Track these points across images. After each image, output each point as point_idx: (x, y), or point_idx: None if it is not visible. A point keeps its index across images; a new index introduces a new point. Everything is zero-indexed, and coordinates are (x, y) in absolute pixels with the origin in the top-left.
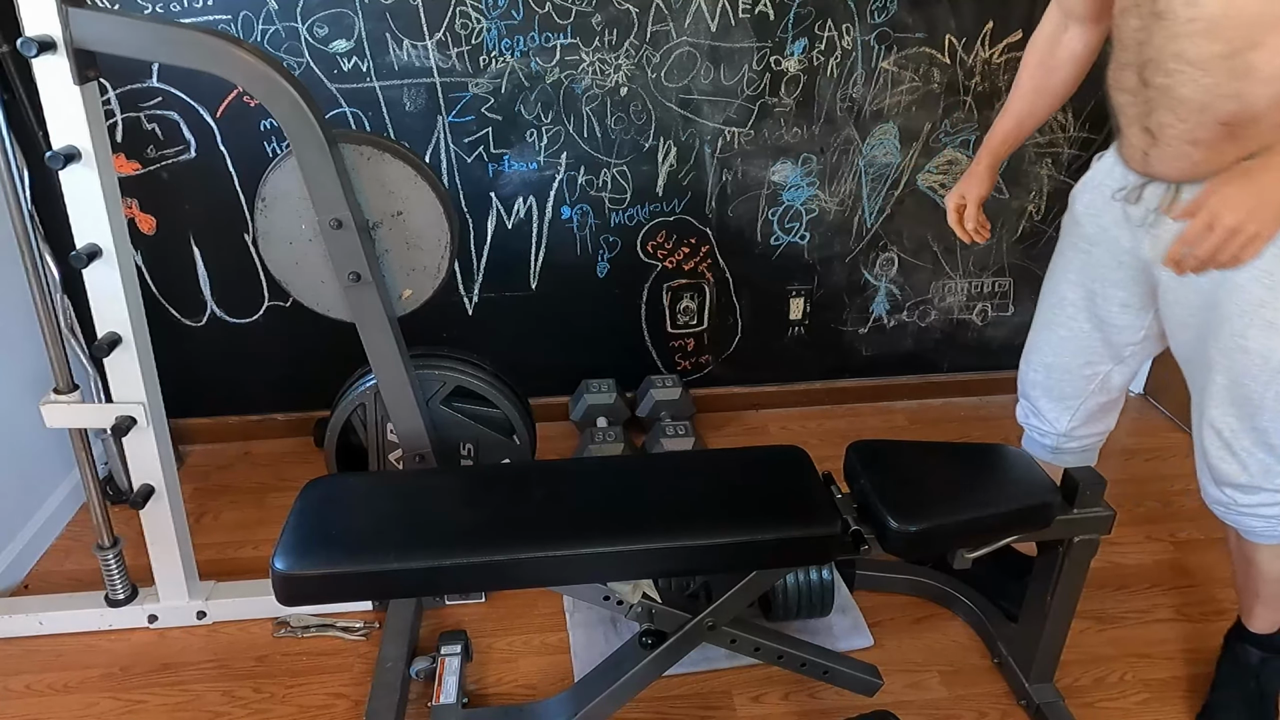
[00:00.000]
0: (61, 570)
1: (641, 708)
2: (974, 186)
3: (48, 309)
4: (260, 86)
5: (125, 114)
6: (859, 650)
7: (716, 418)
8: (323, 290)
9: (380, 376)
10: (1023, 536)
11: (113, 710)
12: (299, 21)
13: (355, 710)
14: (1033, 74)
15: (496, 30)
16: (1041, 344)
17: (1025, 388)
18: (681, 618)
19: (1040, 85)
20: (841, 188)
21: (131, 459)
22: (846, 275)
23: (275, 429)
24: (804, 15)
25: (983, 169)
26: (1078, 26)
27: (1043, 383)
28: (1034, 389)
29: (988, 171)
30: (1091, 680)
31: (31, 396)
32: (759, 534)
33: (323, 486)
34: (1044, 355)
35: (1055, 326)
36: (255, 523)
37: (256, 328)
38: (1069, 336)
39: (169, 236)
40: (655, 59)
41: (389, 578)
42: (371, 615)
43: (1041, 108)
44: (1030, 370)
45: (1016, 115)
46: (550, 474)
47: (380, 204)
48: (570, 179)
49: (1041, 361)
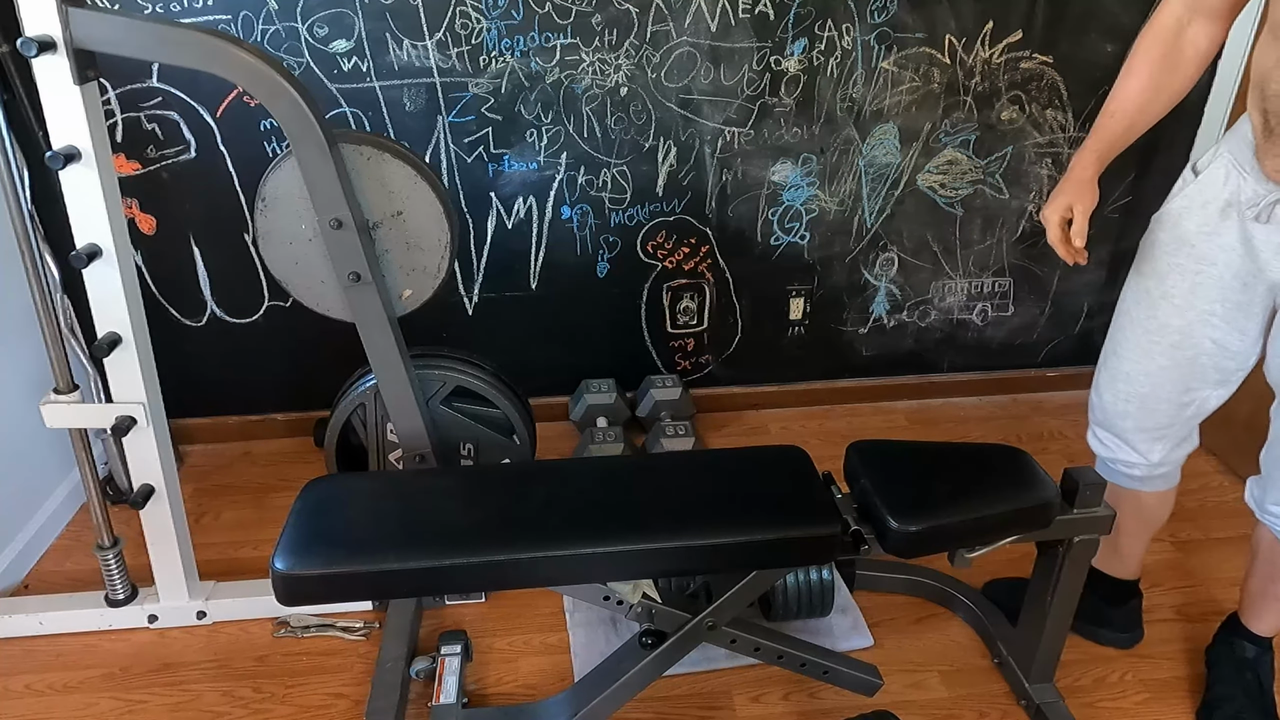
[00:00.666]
0: (61, 570)
1: (641, 708)
2: (1084, 197)
3: (48, 309)
4: (260, 86)
5: (125, 114)
6: (859, 650)
7: (716, 418)
8: (323, 290)
9: (380, 376)
10: (1023, 536)
11: (113, 710)
12: (299, 21)
13: (355, 710)
14: (1153, 71)
15: (496, 30)
16: (1134, 374)
17: (1111, 419)
18: (681, 618)
19: (1162, 83)
20: (841, 188)
21: (131, 459)
22: (846, 275)
23: (275, 429)
24: (804, 15)
25: (1090, 177)
26: (1205, 22)
27: (1135, 414)
28: (1124, 420)
29: (1094, 180)
30: (1091, 680)
31: (31, 396)
32: (759, 534)
33: (323, 486)
34: (1136, 386)
35: (1154, 356)
36: (255, 523)
37: (256, 328)
38: (1169, 366)
39: (169, 236)
40: (655, 59)
41: (389, 578)
42: (371, 615)
43: (1158, 108)
44: (1118, 402)
45: (1128, 117)
46: (550, 474)
47: (380, 204)
48: (570, 179)
49: (1134, 393)
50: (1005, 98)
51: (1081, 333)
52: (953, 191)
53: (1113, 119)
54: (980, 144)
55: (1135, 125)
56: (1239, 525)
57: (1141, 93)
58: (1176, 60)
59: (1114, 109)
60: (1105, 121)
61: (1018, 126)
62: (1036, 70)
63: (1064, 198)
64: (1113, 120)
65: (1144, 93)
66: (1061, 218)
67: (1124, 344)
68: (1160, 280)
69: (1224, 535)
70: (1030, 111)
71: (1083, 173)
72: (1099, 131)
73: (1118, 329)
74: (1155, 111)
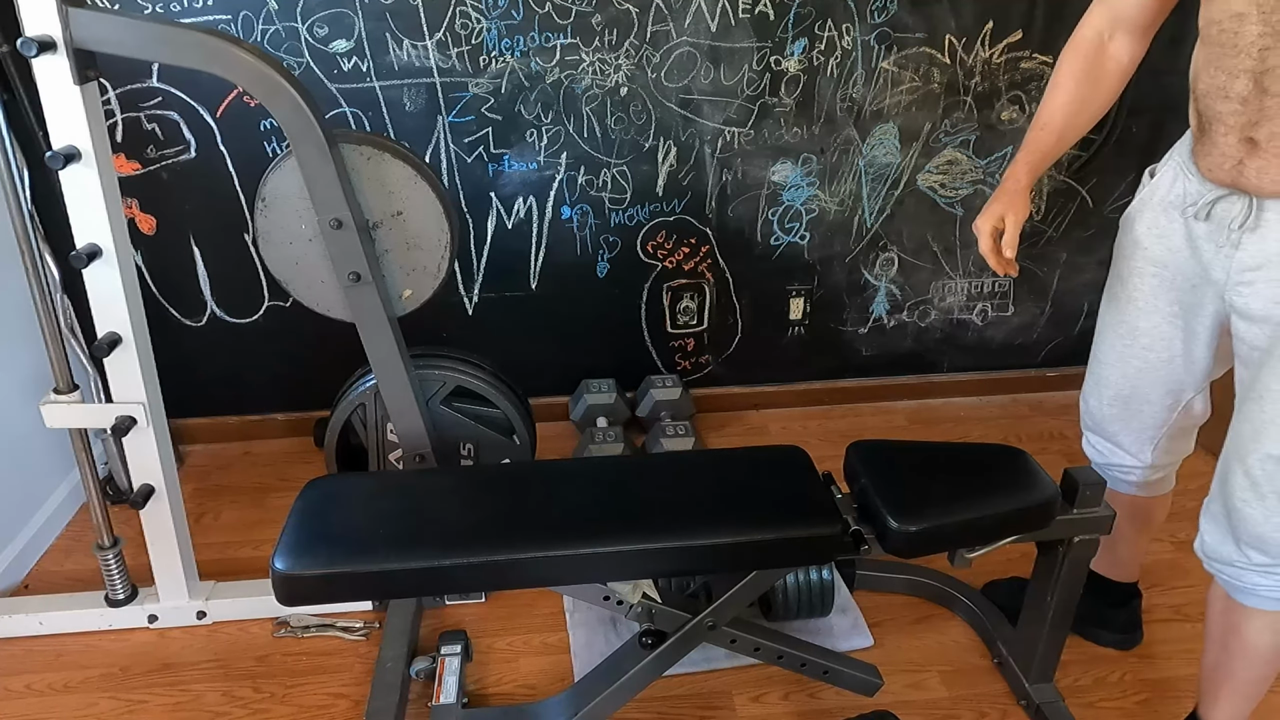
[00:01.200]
0: (61, 570)
1: (641, 708)
2: (1016, 208)
3: (48, 309)
4: (260, 86)
5: (125, 114)
6: (859, 650)
7: (716, 418)
8: (323, 290)
9: (380, 376)
10: (1023, 536)
11: (113, 710)
12: (299, 21)
13: (355, 710)
14: (1077, 84)
15: (496, 30)
16: (1114, 378)
17: (1100, 424)
18: (681, 618)
19: (1085, 97)
20: (841, 188)
21: (131, 459)
22: (846, 275)
23: (275, 429)
24: (804, 15)
25: (1022, 188)
26: (1125, 36)
27: (1121, 417)
28: (1112, 424)
29: (1027, 191)
30: (1091, 680)
31: (31, 396)
32: (759, 534)
33: (323, 486)
34: (1119, 389)
35: (1129, 359)
36: (255, 523)
37: (256, 328)
38: (1145, 368)
39: (169, 236)
40: (655, 59)
41: (389, 578)
42: (371, 615)
43: (1084, 120)
44: (1104, 406)
45: (1056, 130)
46: (550, 474)
47: (380, 204)
48: (570, 179)
49: (1117, 396)
50: (1005, 98)
51: (1081, 333)
52: (953, 191)
53: (1043, 131)
54: (980, 144)
55: (1064, 137)
56: None
57: (1067, 106)
58: (1099, 75)
59: (1043, 122)
60: (1035, 134)
61: (1018, 126)
62: (1036, 70)
63: (996, 207)
64: (1043, 133)
65: (1070, 105)
66: (994, 228)
67: (1102, 348)
68: (1124, 283)
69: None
70: (1030, 111)
71: (1015, 184)
72: (1030, 144)
73: (1098, 333)
74: (1082, 124)
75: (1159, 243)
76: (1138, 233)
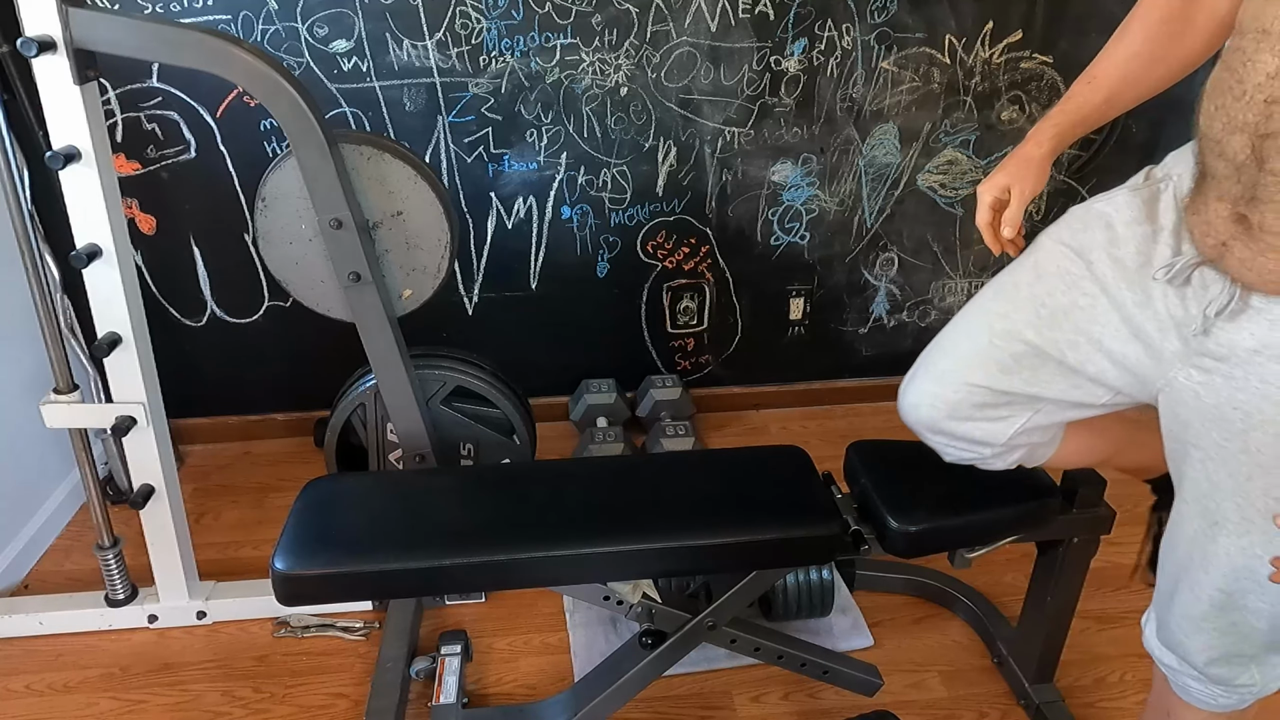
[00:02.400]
0: (61, 570)
1: (641, 708)
2: (1027, 178)
3: (48, 309)
4: (260, 86)
5: (125, 114)
6: (859, 650)
7: (716, 418)
8: (323, 290)
9: (380, 376)
10: (1023, 536)
11: (113, 710)
12: (299, 21)
13: (355, 710)
14: (1150, 36)
15: (496, 30)
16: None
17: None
18: (681, 618)
19: (1159, 53)
20: (841, 188)
21: (131, 459)
22: (846, 275)
23: (275, 429)
24: (804, 15)
25: (1042, 155)
26: None
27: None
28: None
29: (1048, 160)
30: (1091, 680)
31: (31, 396)
32: (759, 534)
33: (323, 486)
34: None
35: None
36: (255, 523)
37: (256, 328)
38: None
39: (169, 236)
40: (655, 59)
41: (389, 578)
42: (371, 615)
43: (1151, 81)
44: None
45: (1110, 86)
46: (550, 474)
47: (380, 204)
48: (570, 179)
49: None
50: (1005, 98)
51: None
52: (953, 191)
53: (1090, 87)
54: (980, 144)
55: (1116, 99)
56: None
57: (1132, 60)
58: (1183, 26)
59: (1094, 75)
60: (1080, 89)
61: (1018, 126)
62: (1036, 70)
63: (1003, 175)
64: (1090, 89)
65: (1135, 60)
66: (995, 198)
67: (965, 329)
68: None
69: None
70: (1030, 111)
71: (1036, 148)
72: (1070, 100)
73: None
74: (1147, 86)
75: (1115, 273)
76: (1092, 259)
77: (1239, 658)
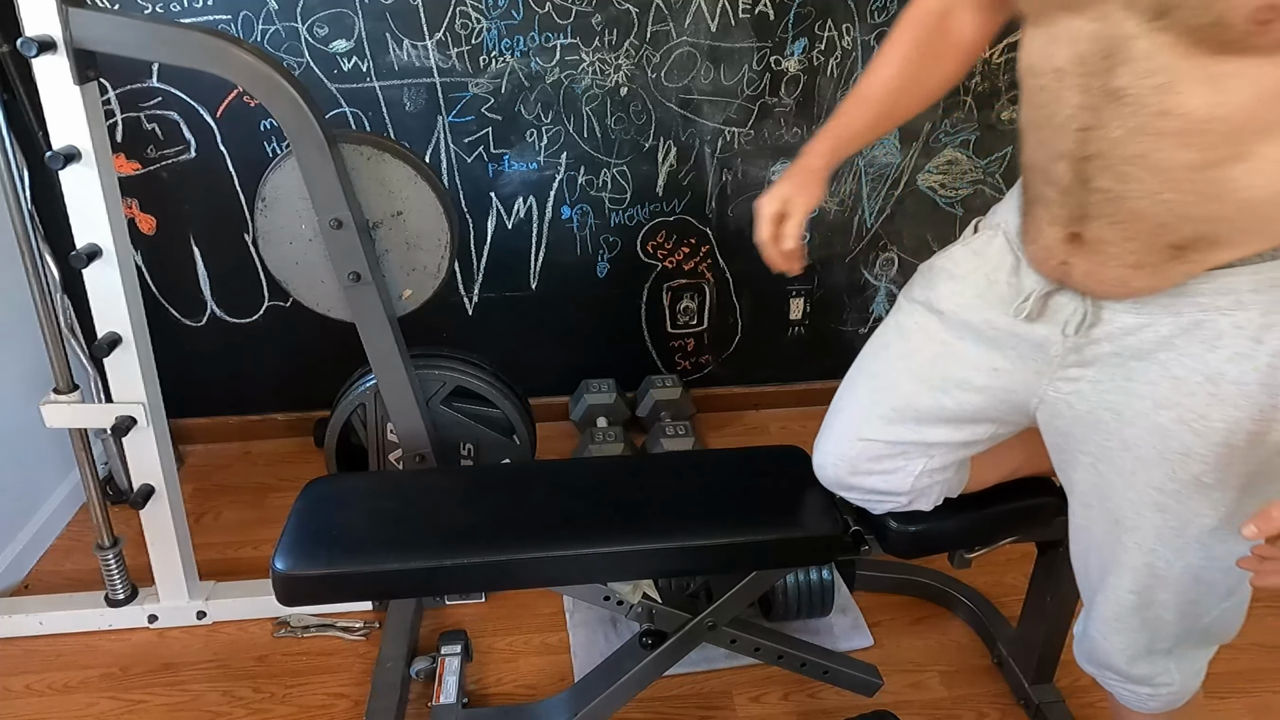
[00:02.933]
0: (61, 570)
1: (641, 708)
2: (806, 192)
3: (48, 309)
4: (260, 86)
5: (125, 114)
6: (859, 650)
7: (716, 418)
8: (323, 290)
9: (380, 376)
10: (1022, 536)
11: (113, 710)
12: (299, 21)
13: (355, 710)
14: (907, 58)
15: (496, 30)
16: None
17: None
18: (681, 618)
19: (918, 75)
20: (841, 188)
21: (131, 459)
22: (846, 275)
23: (275, 429)
24: (804, 15)
25: (820, 167)
26: (970, 10)
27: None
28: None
29: (826, 174)
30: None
31: (31, 396)
32: (759, 534)
33: (323, 486)
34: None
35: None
36: (255, 523)
37: (256, 328)
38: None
39: (169, 236)
40: (655, 59)
41: (389, 578)
42: (371, 615)
43: (913, 101)
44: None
45: (877, 105)
46: (550, 474)
47: (380, 204)
48: (570, 179)
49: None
50: (1005, 98)
51: None
52: (953, 191)
53: (860, 105)
54: (980, 144)
55: (884, 118)
56: None
57: (893, 81)
58: (937, 48)
59: (863, 93)
60: (850, 107)
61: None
62: None
63: (784, 188)
64: (860, 108)
65: (896, 81)
66: (776, 212)
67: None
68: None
69: None
70: None
71: (813, 160)
72: (842, 116)
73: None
74: (910, 105)
75: (970, 323)
76: (941, 307)
77: (1155, 654)
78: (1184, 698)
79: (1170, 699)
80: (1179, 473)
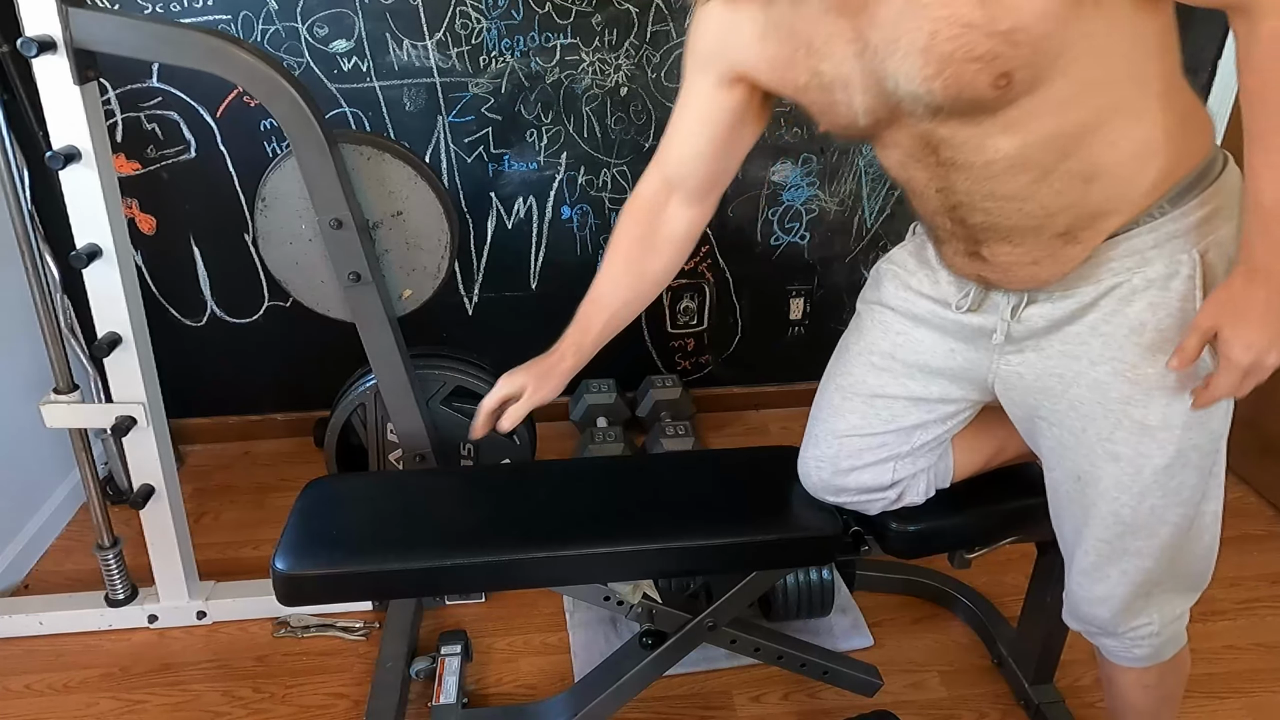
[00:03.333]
0: (61, 570)
1: (641, 708)
2: (544, 387)
3: (48, 309)
4: (260, 86)
5: (125, 114)
6: (859, 650)
7: (716, 418)
8: (323, 290)
9: (380, 376)
10: (1022, 536)
11: (113, 710)
12: (299, 21)
13: (355, 710)
14: (629, 256)
15: (496, 30)
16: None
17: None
18: (682, 618)
19: (641, 271)
20: (841, 188)
21: (131, 459)
22: (846, 275)
23: (275, 429)
24: None
25: (565, 369)
26: (682, 204)
27: None
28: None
29: (569, 374)
30: (1091, 680)
31: (31, 396)
32: (759, 534)
33: (323, 486)
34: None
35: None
36: (255, 523)
37: (256, 328)
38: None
39: (169, 236)
40: (655, 59)
41: (389, 578)
42: (371, 615)
43: (643, 292)
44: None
45: (612, 305)
46: (550, 474)
47: (380, 204)
48: (570, 179)
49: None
50: None
51: None
52: None
53: (594, 306)
54: None
55: (617, 314)
56: (1239, 525)
57: (619, 279)
58: (654, 243)
59: (596, 295)
60: (587, 309)
61: None
62: None
63: (523, 377)
64: (595, 308)
65: (622, 278)
66: (507, 395)
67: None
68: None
69: (1225, 535)
70: None
71: (559, 361)
72: (580, 320)
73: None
74: (637, 298)
75: (916, 316)
76: (889, 299)
77: (1135, 600)
78: (1169, 650)
79: (1155, 648)
80: (1124, 420)
